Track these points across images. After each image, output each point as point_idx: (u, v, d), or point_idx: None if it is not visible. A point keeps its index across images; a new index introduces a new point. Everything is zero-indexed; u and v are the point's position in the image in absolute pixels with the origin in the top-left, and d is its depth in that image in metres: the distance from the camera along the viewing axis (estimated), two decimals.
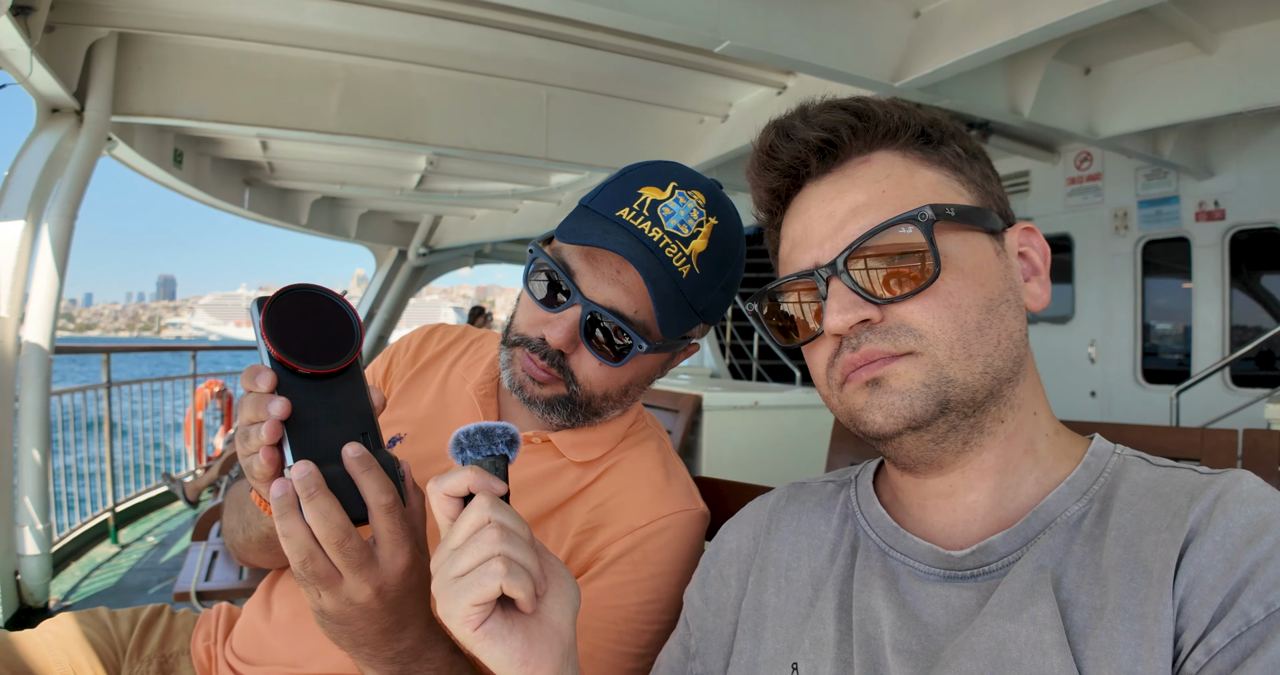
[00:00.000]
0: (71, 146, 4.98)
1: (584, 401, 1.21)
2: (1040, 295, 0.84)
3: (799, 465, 4.04)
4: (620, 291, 1.14)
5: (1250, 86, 5.09)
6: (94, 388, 6.43)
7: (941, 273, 0.77)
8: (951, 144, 0.85)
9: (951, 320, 0.76)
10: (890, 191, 0.81)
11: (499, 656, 0.71)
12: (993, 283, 0.80)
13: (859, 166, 0.83)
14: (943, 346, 0.76)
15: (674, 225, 1.13)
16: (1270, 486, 0.70)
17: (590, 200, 1.19)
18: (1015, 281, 0.82)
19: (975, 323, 0.77)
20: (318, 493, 0.78)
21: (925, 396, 0.76)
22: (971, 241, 0.80)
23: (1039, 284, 0.85)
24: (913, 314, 0.77)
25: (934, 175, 0.83)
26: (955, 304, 0.77)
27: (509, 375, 1.23)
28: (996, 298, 0.79)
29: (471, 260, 14.66)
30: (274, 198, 10.39)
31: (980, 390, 0.77)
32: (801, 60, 4.35)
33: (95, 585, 5.13)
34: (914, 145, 0.84)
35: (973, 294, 0.78)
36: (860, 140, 0.84)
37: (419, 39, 5.43)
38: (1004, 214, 0.85)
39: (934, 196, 0.81)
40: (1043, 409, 0.84)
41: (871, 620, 0.80)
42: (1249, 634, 0.62)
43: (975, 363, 0.77)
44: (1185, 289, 7.30)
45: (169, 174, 7.44)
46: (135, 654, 1.38)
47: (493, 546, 0.71)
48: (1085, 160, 7.85)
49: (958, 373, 0.76)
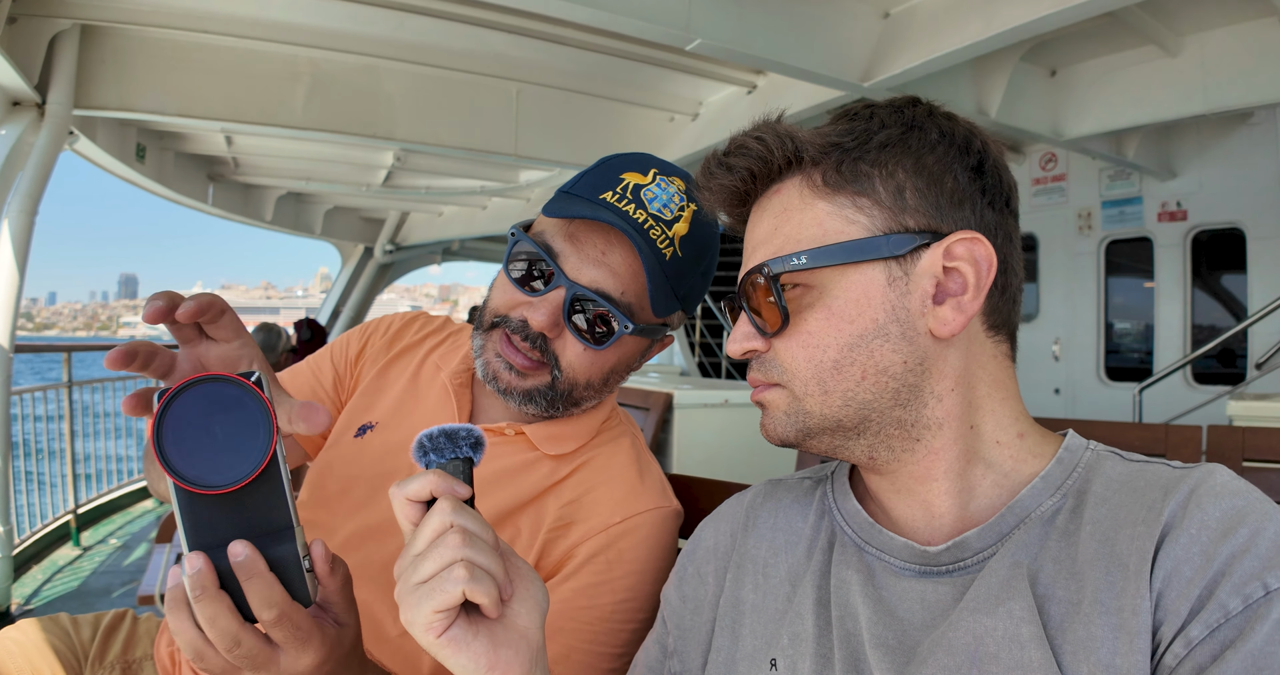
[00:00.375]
0: (33, 140, 4.89)
1: (566, 389, 1.20)
2: (951, 320, 0.78)
3: (769, 463, 4.04)
4: (606, 272, 1.13)
5: (1213, 89, 5.18)
6: (54, 387, 6.31)
7: (802, 313, 0.81)
8: (860, 164, 0.81)
9: (806, 360, 0.81)
10: (781, 227, 0.84)
11: (464, 663, 0.71)
12: (865, 318, 0.79)
13: (772, 197, 0.87)
14: (798, 383, 0.82)
15: (657, 208, 1.14)
16: (1244, 480, 0.71)
17: (571, 186, 1.19)
18: (908, 309, 0.79)
19: (832, 361, 0.80)
20: (203, 596, 0.72)
21: (787, 423, 0.85)
22: (849, 276, 0.79)
23: (954, 307, 0.79)
24: (779, 350, 0.84)
25: (826, 206, 0.81)
26: (813, 344, 0.81)
27: (482, 364, 1.21)
28: (869, 332, 0.79)
29: (439, 257, 14.58)
30: (238, 193, 10.28)
31: (847, 419, 0.81)
32: (772, 59, 4.37)
33: (57, 589, 5.04)
34: (816, 170, 0.83)
35: (835, 333, 0.80)
36: (766, 179, 0.87)
37: (387, 33, 5.38)
38: (931, 228, 0.80)
39: (817, 230, 0.81)
40: (986, 420, 0.82)
41: (850, 616, 0.80)
42: (1227, 626, 0.63)
43: (832, 398, 0.81)
44: (1148, 288, 7.43)
45: (132, 169, 7.33)
46: (98, 660, 1.34)
47: (455, 552, 0.70)
48: (1050, 161, 7.96)
49: (813, 406, 0.82)
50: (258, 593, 0.73)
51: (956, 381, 0.81)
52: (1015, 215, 0.87)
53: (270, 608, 0.74)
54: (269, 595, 0.74)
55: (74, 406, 6.43)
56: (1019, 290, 0.86)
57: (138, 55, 5.35)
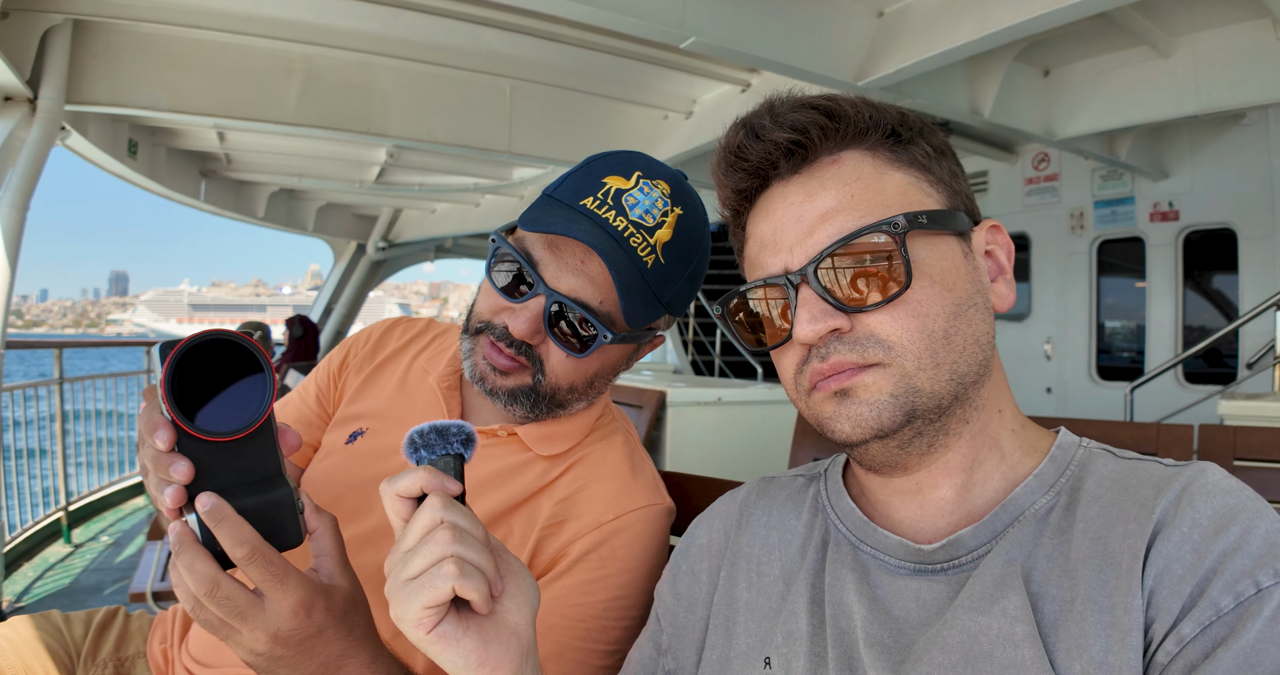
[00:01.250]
0: (24, 136, 4.84)
1: (549, 393, 1.19)
2: (1006, 295, 0.84)
3: (762, 460, 4.06)
4: (585, 281, 1.12)
5: (1206, 90, 5.21)
6: (46, 383, 6.28)
7: (911, 282, 0.76)
8: (920, 142, 0.83)
9: (919, 330, 0.76)
10: (860, 195, 0.79)
11: (454, 659, 0.70)
12: (960, 287, 0.79)
13: (828, 167, 0.81)
14: (910, 357, 0.76)
15: (639, 214, 1.12)
16: (1235, 478, 0.72)
17: (554, 189, 1.17)
18: (982, 283, 0.82)
19: (942, 331, 0.76)
20: (183, 547, 0.78)
21: (893, 407, 0.76)
22: (941, 246, 0.79)
23: (1004, 283, 0.84)
24: (881, 324, 0.76)
25: (903, 177, 0.81)
26: (923, 313, 0.76)
27: (470, 365, 1.21)
28: (964, 302, 0.78)
29: (432, 255, 14.54)
30: (231, 190, 10.23)
31: (946, 397, 0.77)
32: (766, 58, 4.37)
33: (48, 586, 5.02)
34: (884, 145, 0.82)
35: (940, 301, 0.77)
36: (830, 141, 0.81)
37: (381, 29, 5.36)
38: (970, 212, 0.84)
39: (904, 200, 0.79)
40: (1007, 406, 0.84)
41: (844, 614, 0.80)
42: (1219, 623, 0.63)
43: (942, 371, 0.76)
44: (1139, 288, 7.46)
45: (123, 165, 7.29)
46: (90, 658, 1.34)
47: (445, 548, 0.70)
48: (1043, 161, 7.98)
49: (925, 382, 0.76)
50: (228, 533, 0.77)
51: (996, 361, 0.83)
52: None
53: (241, 545, 0.78)
54: (239, 534, 0.78)
55: (65, 403, 6.41)
56: None
57: (130, 50, 5.32)
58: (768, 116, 0.83)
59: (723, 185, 0.89)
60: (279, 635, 0.82)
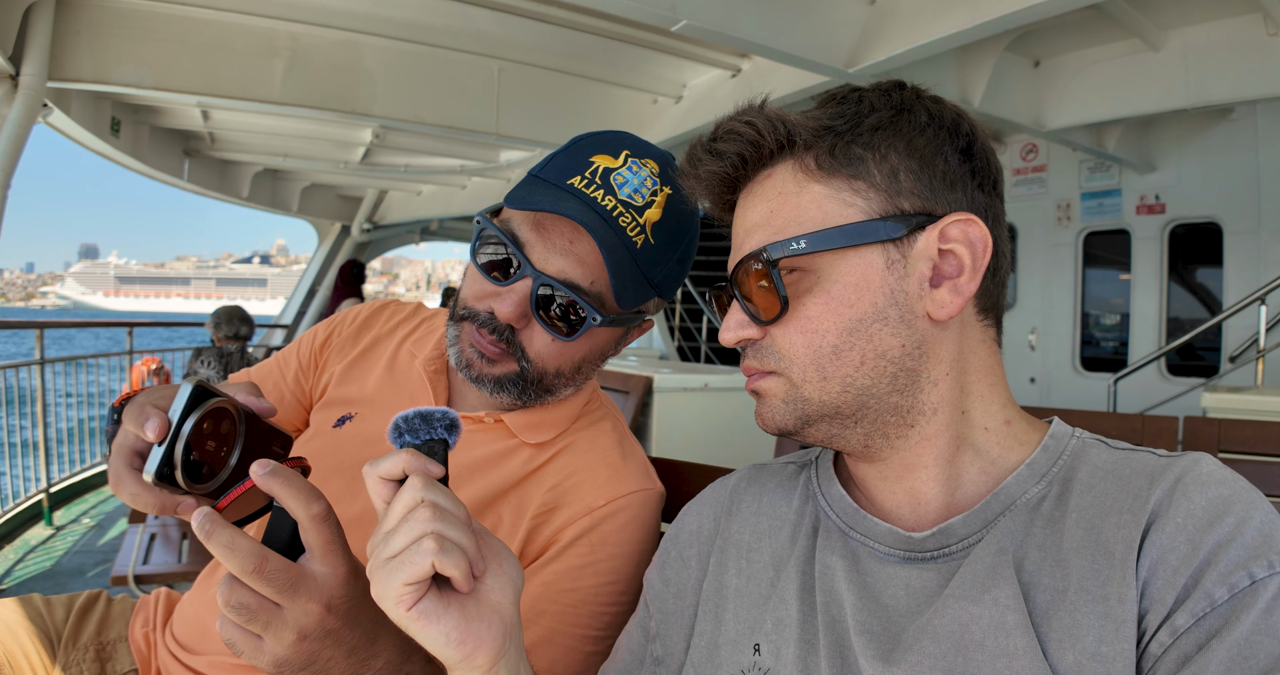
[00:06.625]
0: (5, 112, 4.79)
1: (535, 378, 1.18)
2: (949, 302, 0.78)
3: (748, 447, 4.07)
4: (573, 262, 1.10)
5: (1195, 84, 5.23)
6: (26, 364, 6.21)
7: (801, 298, 0.80)
8: (853, 147, 0.81)
9: (805, 346, 0.80)
10: (777, 211, 0.82)
11: (435, 636, 0.70)
12: (865, 303, 0.78)
13: (764, 181, 0.85)
14: (796, 370, 0.81)
15: (627, 193, 1.10)
16: (1229, 468, 0.71)
17: (540, 169, 1.16)
18: (906, 293, 0.79)
19: (832, 346, 0.79)
20: (216, 526, 0.77)
21: (785, 411, 0.83)
22: (848, 260, 0.79)
23: (951, 289, 0.79)
24: (777, 337, 0.82)
25: (822, 189, 0.80)
26: (813, 329, 0.80)
27: (456, 352, 1.19)
28: (868, 317, 0.78)
29: (418, 236, 14.48)
30: (214, 169, 10.14)
31: (845, 406, 0.80)
32: (757, 43, 4.35)
33: (29, 569, 4.98)
34: (809, 154, 0.82)
35: (834, 318, 0.79)
36: (757, 164, 0.86)
37: (368, 8, 5.31)
38: (925, 211, 0.80)
39: (818, 215, 0.80)
40: (976, 406, 0.82)
41: (834, 602, 0.80)
42: (1213, 615, 0.63)
43: (831, 384, 0.80)
44: (1124, 280, 7.51)
45: (106, 143, 7.20)
46: (71, 642, 1.32)
47: (425, 525, 0.70)
48: (1031, 152, 8.01)
49: (812, 393, 0.81)
50: (298, 492, 0.80)
51: (951, 366, 0.81)
52: (1002, 199, 0.87)
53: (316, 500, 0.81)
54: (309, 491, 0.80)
55: (46, 384, 6.35)
56: (1008, 274, 0.86)
57: (113, 27, 5.24)
58: (702, 149, 0.88)
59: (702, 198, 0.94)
60: (331, 604, 0.81)
